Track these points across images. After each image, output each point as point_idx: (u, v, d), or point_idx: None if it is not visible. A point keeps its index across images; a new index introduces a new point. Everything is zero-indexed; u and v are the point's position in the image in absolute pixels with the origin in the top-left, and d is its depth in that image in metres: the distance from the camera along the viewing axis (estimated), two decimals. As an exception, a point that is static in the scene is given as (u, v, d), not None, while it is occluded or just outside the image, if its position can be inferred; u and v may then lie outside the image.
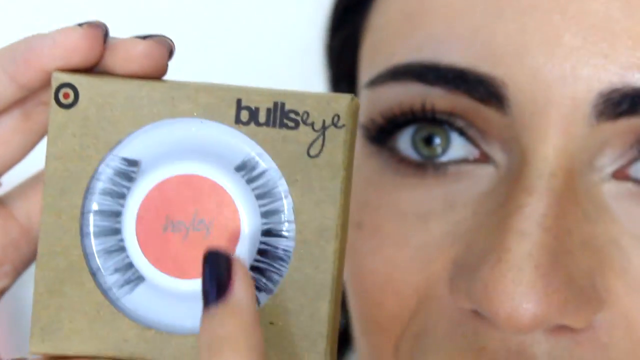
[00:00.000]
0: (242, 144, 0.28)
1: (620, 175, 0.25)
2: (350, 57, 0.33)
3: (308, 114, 0.26)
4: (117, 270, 0.28)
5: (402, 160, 0.28)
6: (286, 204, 0.27)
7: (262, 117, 0.27)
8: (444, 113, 0.27)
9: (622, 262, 0.25)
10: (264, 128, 0.27)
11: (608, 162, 0.26)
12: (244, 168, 0.27)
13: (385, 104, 0.27)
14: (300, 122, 0.27)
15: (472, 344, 0.26)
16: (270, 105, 0.27)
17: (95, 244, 0.28)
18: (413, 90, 0.27)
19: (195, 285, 0.26)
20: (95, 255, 0.28)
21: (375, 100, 0.28)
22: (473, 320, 0.26)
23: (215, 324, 0.23)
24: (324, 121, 0.26)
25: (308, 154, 0.27)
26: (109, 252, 0.28)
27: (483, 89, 0.26)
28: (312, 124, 0.26)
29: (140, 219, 0.28)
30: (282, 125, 0.27)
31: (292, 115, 0.27)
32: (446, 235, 0.27)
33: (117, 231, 0.28)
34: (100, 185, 0.29)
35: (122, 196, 0.28)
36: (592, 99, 0.25)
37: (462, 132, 0.27)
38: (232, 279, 0.22)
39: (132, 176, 0.28)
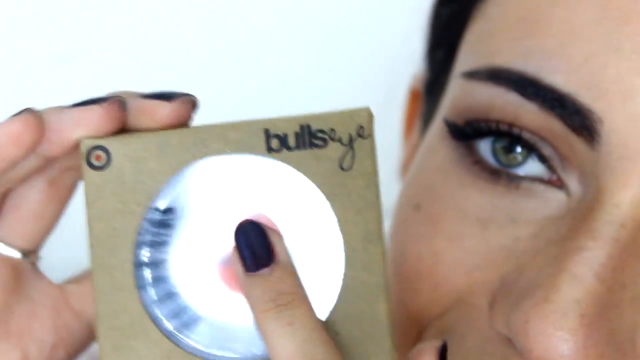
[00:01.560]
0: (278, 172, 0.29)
1: None
2: (456, 31, 0.32)
3: (334, 131, 0.28)
4: (175, 315, 0.29)
5: (478, 162, 0.28)
6: (331, 218, 0.28)
7: (291, 142, 0.29)
8: (532, 133, 0.26)
9: None
10: (296, 152, 0.29)
11: None
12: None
13: (477, 103, 0.27)
14: (329, 139, 0.28)
15: None
16: (298, 129, 0.28)
17: (153, 294, 0.30)
18: (508, 98, 0.26)
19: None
20: (154, 304, 0.30)
21: (469, 94, 0.27)
22: (504, 345, 0.26)
23: (274, 281, 0.23)
24: (350, 135, 0.27)
25: (341, 167, 0.28)
26: (163, 299, 0.29)
27: (578, 119, 0.25)
28: (340, 139, 0.28)
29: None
30: (313, 146, 0.28)
31: (320, 135, 0.28)
32: (501, 249, 0.27)
33: (166, 279, 0.30)
34: (146, 238, 0.30)
35: (165, 244, 0.30)
36: None
37: (543, 158, 0.27)
38: (272, 242, 0.23)
39: (170, 224, 0.29)
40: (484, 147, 0.28)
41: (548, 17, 0.27)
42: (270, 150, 0.29)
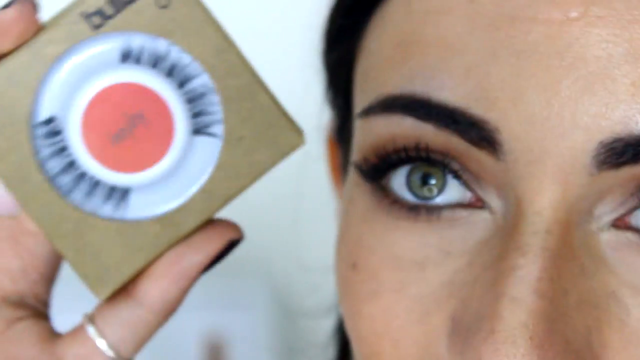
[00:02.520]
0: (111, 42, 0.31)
1: (619, 224, 0.25)
2: (345, 75, 0.33)
3: None
4: (107, 199, 0.32)
5: (396, 202, 0.27)
6: (180, 57, 0.30)
7: (109, 11, 0.30)
8: (438, 153, 0.26)
9: (620, 316, 0.24)
10: (118, 17, 0.30)
11: (607, 211, 0.25)
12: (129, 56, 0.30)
13: (378, 138, 0.27)
14: None
15: None
16: None
17: (79, 193, 0.32)
18: (405, 124, 0.26)
19: (148, 174, 0.30)
20: (84, 201, 0.32)
21: (368, 132, 0.27)
22: None
23: None
24: None
25: (160, 6, 0.30)
26: (90, 193, 0.32)
27: (475, 132, 0.25)
28: None
29: (85, 137, 0.31)
30: (127, 3, 0.30)
31: None
32: (443, 286, 0.26)
33: (84, 174, 0.31)
34: (45, 153, 0.31)
35: (65, 148, 0.31)
36: (592, 148, 0.24)
37: (456, 175, 0.26)
38: None
39: (58, 129, 0.31)
40: (399, 183, 0.27)
41: (423, 37, 0.26)
42: (96, 28, 0.31)
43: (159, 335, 1.23)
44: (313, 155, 0.44)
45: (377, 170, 0.28)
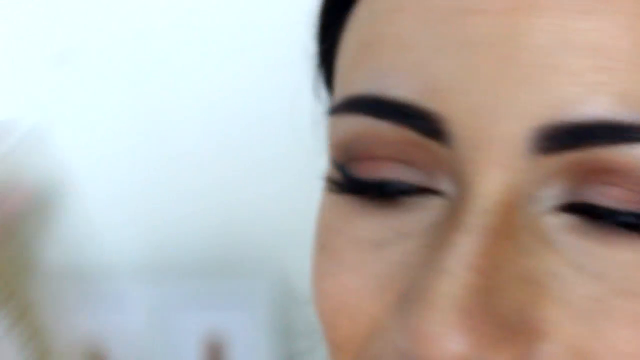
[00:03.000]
0: None
1: (564, 208, 0.25)
2: (327, 73, 0.34)
3: None
4: None
5: (362, 190, 0.28)
6: None
7: None
8: (395, 144, 0.27)
9: (563, 293, 0.25)
10: None
11: (552, 195, 0.25)
12: None
13: (342, 136, 0.28)
14: None
15: None
16: None
17: None
18: (366, 123, 0.27)
19: None
20: None
21: (334, 130, 0.28)
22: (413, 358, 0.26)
23: None
24: None
25: None
26: None
27: (426, 124, 0.26)
28: None
29: None
30: None
31: None
32: (398, 265, 0.27)
33: None
34: None
35: None
36: (530, 134, 0.25)
37: (414, 165, 0.27)
38: None
39: None
40: None
41: (381, 37, 0.27)
42: None
43: (159, 335, 1.22)
44: (313, 155, 0.44)
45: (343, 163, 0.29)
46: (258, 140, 1.07)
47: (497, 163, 0.25)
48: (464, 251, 0.25)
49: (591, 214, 0.25)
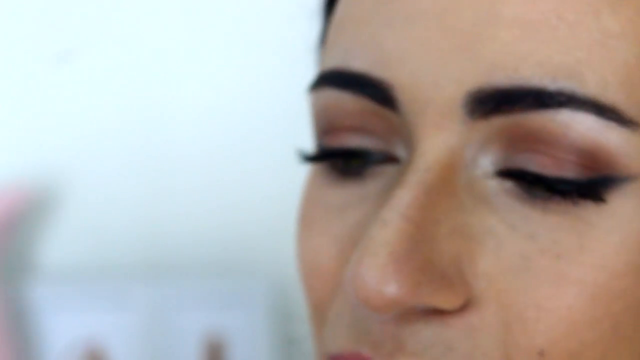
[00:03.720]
0: None
1: (501, 173, 0.27)
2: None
3: None
4: None
5: (332, 165, 0.30)
6: None
7: None
8: (356, 115, 0.29)
9: (496, 249, 0.26)
10: None
11: (490, 160, 0.27)
12: None
13: (315, 110, 0.29)
14: None
15: (361, 329, 0.27)
16: None
17: None
18: (332, 96, 0.29)
19: None
20: None
21: (311, 106, 0.30)
22: (359, 306, 0.27)
23: None
24: None
25: None
26: None
27: (379, 92, 0.27)
28: None
29: None
30: None
31: None
32: (357, 226, 0.29)
33: None
34: None
35: None
36: (462, 98, 0.26)
37: (372, 132, 0.29)
38: None
39: None
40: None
41: (348, 16, 0.29)
42: None
43: (159, 335, 1.23)
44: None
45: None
46: (258, 141, 1.07)
47: (437, 125, 0.27)
48: (401, 203, 0.26)
49: (524, 180, 0.26)
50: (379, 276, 0.25)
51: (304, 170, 0.94)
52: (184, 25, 1.19)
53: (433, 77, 0.27)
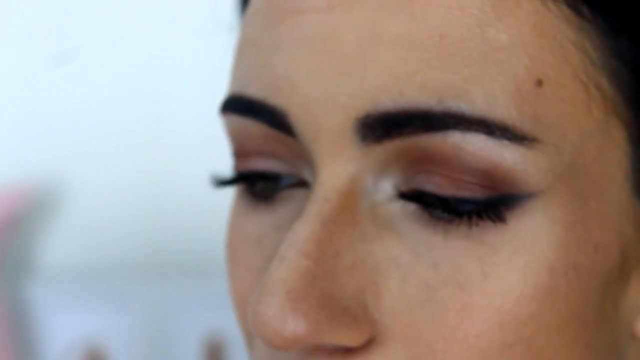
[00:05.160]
0: None
1: (403, 196, 0.26)
2: None
3: None
4: None
5: (247, 190, 0.30)
6: None
7: None
8: (260, 139, 0.28)
9: (400, 280, 0.26)
10: None
11: (391, 183, 0.26)
12: None
13: (227, 132, 0.29)
14: None
15: None
16: None
17: None
18: (237, 121, 0.28)
19: None
20: None
21: (224, 128, 0.30)
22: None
23: None
24: None
25: None
26: None
27: (275, 119, 0.27)
28: None
29: None
30: None
31: None
32: (271, 258, 0.28)
33: None
34: None
35: None
36: (351, 125, 0.25)
37: (279, 156, 0.28)
38: None
39: None
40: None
41: (244, 39, 0.29)
42: None
43: (159, 335, 1.23)
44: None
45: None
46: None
47: (332, 153, 0.26)
48: (299, 238, 0.25)
49: (425, 202, 0.26)
50: (277, 316, 0.25)
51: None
52: (184, 26, 1.19)
53: (323, 104, 0.26)
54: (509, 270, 0.25)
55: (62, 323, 1.14)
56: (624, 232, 0.26)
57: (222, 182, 0.29)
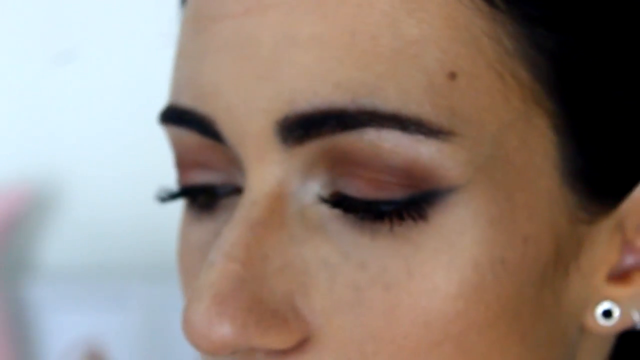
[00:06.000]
0: None
1: (331, 196, 0.26)
2: None
3: None
4: None
5: (191, 202, 0.29)
6: None
7: None
8: (196, 149, 0.28)
9: (329, 281, 0.25)
10: None
11: (318, 185, 0.26)
12: None
13: (169, 143, 0.29)
14: None
15: None
16: None
17: None
18: (174, 132, 0.28)
19: None
20: None
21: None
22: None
23: None
24: None
25: None
26: None
27: (204, 127, 0.27)
28: None
29: None
30: None
31: None
32: None
33: None
34: None
35: None
36: (272, 128, 0.25)
37: (214, 167, 0.28)
38: None
39: None
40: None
41: (178, 47, 0.28)
42: None
43: (159, 335, 1.22)
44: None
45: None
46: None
47: (258, 157, 0.26)
48: (224, 242, 0.25)
49: (347, 206, 0.25)
50: (204, 320, 0.24)
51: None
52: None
53: (244, 109, 0.26)
54: (433, 269, 0.24)
55: (62, 323, 1.14)
56: (556, 223, 0.25)
57: (168, 197, 0.29)
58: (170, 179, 1.19)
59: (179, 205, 1.20)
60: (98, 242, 1.22)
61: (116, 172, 1.20)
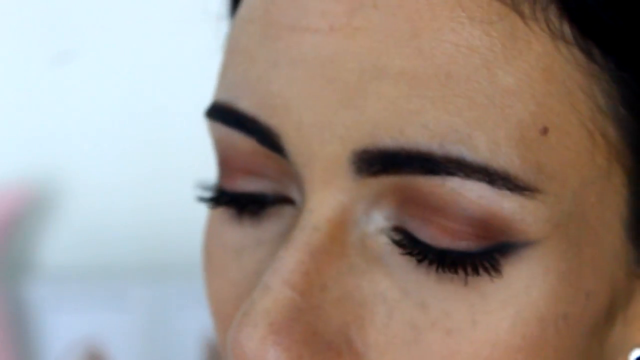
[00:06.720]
0: None
1: (395, 229, 0.25)
2: None
3: None
4: None
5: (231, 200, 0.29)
6: None
7: None
8: (248, 155, 0.27)
9: (386, 316, 0.25)
10: None
11: (383, 216, 0.25)
12: None
13: (212, 138, 0.28)
14: None
15: None
16: None
17: None
18: (224, 131, 0.27)
19: None
20: None
21: (209, 132, 0.28)
22: None
23: None
24: None
25: None
26: None
27: (266, 138, 0.26)
28: None
29: None
30: None
31: None
32: (253, 272, 0.28)
33: None
34: None
35: None
36: (347, 156, 0.24)
37: (265, 175, 0.27)
38: None
39: None
40: None
41: (237, 46, 0.27)
42: None
43: (159, 335, 1.23)
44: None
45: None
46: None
47: (325, 181, 0.25)
48: (285, 268, 0.25)
49: (420, 250, 0.24)
50: (258, 348, 0.24)
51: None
52: (184, 26, 1.19)
53: (318, 131, 0.25)
54: (499, 320, 0.24)
55: (62, 323, 1.14)
56: (614, 277, 0.25)
57: (210, 203, 0.28)
58: (170, 179, 1.19)
59: (179, 204, 1.20)
60: (98, 242, 1.22)
61: (116, 172, 1.20)
